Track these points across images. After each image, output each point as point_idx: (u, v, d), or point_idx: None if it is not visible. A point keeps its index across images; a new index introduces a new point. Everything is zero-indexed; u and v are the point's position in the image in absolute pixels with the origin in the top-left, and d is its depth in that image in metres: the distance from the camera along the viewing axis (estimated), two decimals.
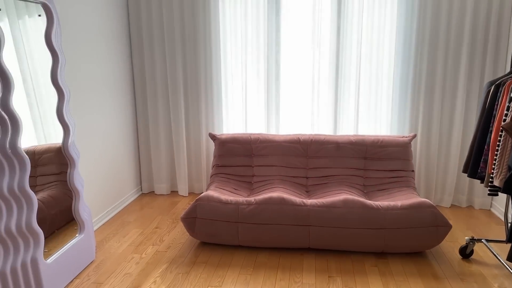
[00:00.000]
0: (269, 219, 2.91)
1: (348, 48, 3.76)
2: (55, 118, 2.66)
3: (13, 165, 2.12)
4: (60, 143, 2.69)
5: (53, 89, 2.62)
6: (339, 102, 3.87)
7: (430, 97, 3.73)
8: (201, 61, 3.91)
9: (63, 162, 2.73)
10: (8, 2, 2.24)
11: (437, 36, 3.61)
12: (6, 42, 2.21)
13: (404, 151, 3.51)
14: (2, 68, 2.05)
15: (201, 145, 4.11)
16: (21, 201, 2.17)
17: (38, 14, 2.48)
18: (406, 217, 2.83)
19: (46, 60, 2.56)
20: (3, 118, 2.07)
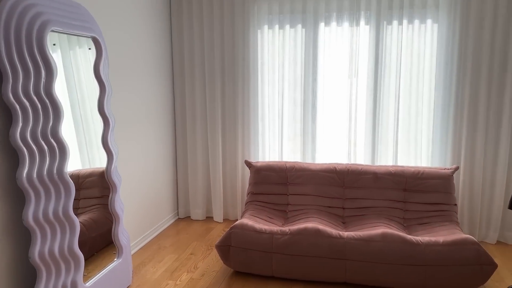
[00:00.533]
0: (304, 251, 2.87)
1: (386, 78, 3.73)
2: (100, 144, 2.78)
3: (59, 190, 2.23)
4: (103, 167, 2.80)
5: (99, 117, 2.75)
6: (378, 131, 3.82)
7: (473, 128, 3.60)
8: (239, 90, 4.00)
9: (105, 186, 2.83)
10: (62, 36, 2.40)
11: (479, 65, 3.51)
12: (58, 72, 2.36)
13: (446, 183, 3.39)
14: (54, 99, 2.18)
15: (237, 172, 4.15)
16: (65, 225, 2.26)
17: (88, 48, 2.64)
18: (448, 254, 2.70)
19: (93, 90, 2.71)
20: (52, 145, 2.19)
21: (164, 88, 4.01)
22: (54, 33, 2.32)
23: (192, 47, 4.08)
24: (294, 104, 3.96)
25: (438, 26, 3.59)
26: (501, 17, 3.41)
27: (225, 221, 4.28)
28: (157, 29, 3.83)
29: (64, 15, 2.34)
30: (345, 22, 3.75)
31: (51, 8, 2.25)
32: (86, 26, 2.53)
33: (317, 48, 3.82)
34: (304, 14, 3.80)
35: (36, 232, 2.11)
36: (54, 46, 2.34)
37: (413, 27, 3.62)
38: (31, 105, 2.09)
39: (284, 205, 3.58)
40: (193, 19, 4.01)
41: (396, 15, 3.63)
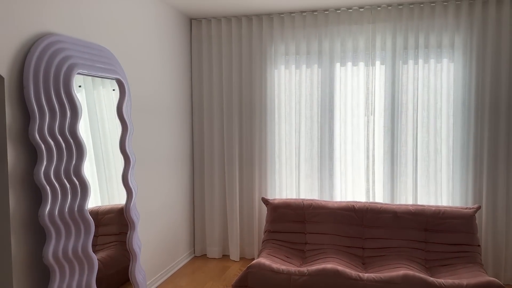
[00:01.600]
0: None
1: (403, 116, 3.73)
2: (120, 181, 2.83)
3: (79, 227, 2.26)
4: (122, 204, 2.83)
5: (120, 155, 2.81)
6: (396, 169, 3.78)
7: (493, 167, 3.54)
8: (256, 127, 4.05)
9: (123, 223, 2.86)
10: (87, 78, 2.51)
11: (497, 104, 3.50)
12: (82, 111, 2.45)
13: (468, 223, 3.30)
14: (78, 139, 2.26)
15: (254, 209, 4.13)
16: (83, 263, 2.28)
17: (112, 89, 2.75)
18: None
19: (115, 128, 2.79)
20: (74, 183, 2.24)
21: (183, 126, 4.10)
22: (80, 75, 2.43)
23: (211, 87, 4.20)
24: (311, 141, 3.98)
25: (454, 65, 3.62)
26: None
27: (242, 259, 4.22)
28: (177, 69, 3.97)
29: (90, 58, 2.45)
30: (360, 62, 3.82)
31: (78, 52, 2.37)
32: (111, 69, 2.64)
33: (334, 87, 3.88)
34: (320, 54, 3.89)
35: (55, 270, 2.12)
36: (79, 88, 2.45)
37: (429, 66, 3.66)
38: (56, 144, 2.17)
39: (302, 244, 3.52)
40: (212, 59, 4.14)
41: (411, 54, 3.68)
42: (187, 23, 4.18)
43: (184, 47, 4.10)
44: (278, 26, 3.97)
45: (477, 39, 3.52)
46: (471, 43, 3.55)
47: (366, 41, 3.79)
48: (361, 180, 3.90)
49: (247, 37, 4.06)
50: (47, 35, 2.23)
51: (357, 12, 3.79)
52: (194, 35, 4.21)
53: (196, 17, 4.18)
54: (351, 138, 3.89)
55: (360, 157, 3.89)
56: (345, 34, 3.83)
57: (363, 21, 3.79)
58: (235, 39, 4.07)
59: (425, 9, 3.61)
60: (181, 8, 3.85)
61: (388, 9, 3.71)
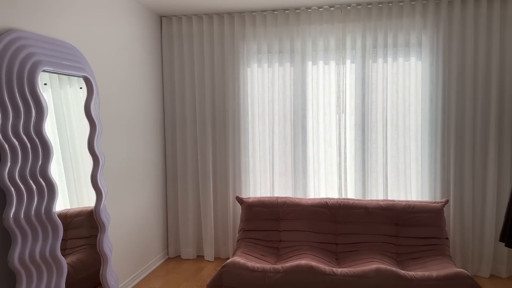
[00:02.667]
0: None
1: (373, 113, 3.81)
2: (89, 183, 2.75)
3: (46, 230, 2.18)
4: (92, 206, 2.76)
5: (88, 156, 2.74)
6: (367, 166, 3.85)
7: (460, 161, 3.66)
8: (229, 127, 4.04)
9: (93, 225, 2.78)
10: (53, 76, 2.43)
11: (463, 100, 3.62)
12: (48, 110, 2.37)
13: (437, 217, 3.39)
14: (44, 138, 2.18)
15: (228, 208, 4.11)
16: (52, 268, 2.20)
17: (79, 87, 2.67)
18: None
19: (83, 128, 2.71)
20: (40, 185, 2.16)
21: (154, 125, 4.03)
22: (46, 73, 2.35)
23: (183, 85, 4.15)
24: (284, 140, 4.00)
25: (421, 63, 3.72)
26: (482, 54, 3.55)
27: (217, 259, 4.20)
28: (148, 68, 3.90)
29: (56, 56, 2.38)
30: (331, 60, 3.87)
31: (43, 49, 2.29)
32: (78, 66, 2.56)
33: (306, 85, 3.91)
34: (292, 53, 3.91)
35: (22, 274, 2.04)
36: (45, 86, 2.37)
37: (398, 65, 3.75)
38: (20, 144, 2.09)
39: (276, 242, 3.53)
40: (184, 57, 4.10)
41: (380, 53, 3.75)
42: (157, 21, 4.11)
43: (154, 45, 4.04)
44: (250, 24, 3.97)
45: (443, 37, 3.62)
46: (438, 41, 3.65)
47: (336, 40, 3.84)
48: (334, 177, 3.95)
49: (219, 35, 4.04)
50: (9, 31, 2.14)
51: (328, 11, 3.83)
52: (164, 33, 4.15)
53: (166, 15, 4.12)
54: (323, 136, 3.93)
55: (332, 155, 3.94)
56: (316, 33, 3.86)
57: (333, 20, 3.83)
58: (206, 37, 4.04)
59: (394, 8, 3.69)
60: (150, 5, 3.78)
61: (358, 9, 3.77)
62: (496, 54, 3.52)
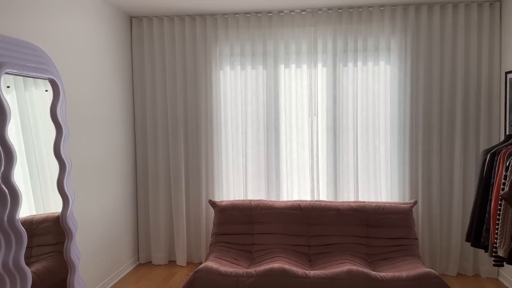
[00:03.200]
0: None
1: (344, 116, 3.86)
2: (55, 188, 2.66)
3: (9, 239, 2.09)
4: (59, 212, 2.66)
5: (55, 160, 2.64)
6: (339, 168, 3.90)
7: (428, 163, 3.76)
8: (202, 130, 4.00)
9: (60, 232, 2.69)
10: (17, 78, 2.33)
11: (431, 104, 3.72)
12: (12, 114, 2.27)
13: (406, 218, 3.47)
14: (6, 144, 2.09)
15: (201, 212, 4.07)
16: (15, 277, 2.11)
17: (45, 89, 2.58)
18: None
19: (49, 132, 2.62)
20: (3, 191, 2.07)
21: (124, 128, 3.95)
22: (9, 75, 2.25)
23: (154, 88, 4.08)
24: (257, 143, 4.00)
25: (390, 68, 3.80)
26: (447, 58, 3.67)
27: (189, 264, 4.14)
28: (117, 69, 3.82)
29: (20, 57, 2.28)
30: (303, 64, 3.90)
31: (6, 50, 2.19)
32: (43, 68, 2.47)
33: (279, 88, 3.93)
34: (265, 56, 3.92)
35: None
36: (8, 88, 2.27)
37: (367, 69, 3.82)
38: None
39: (249, 245, 3.52)
40: (155, 59, 4.04)
41: (351, 57, 3.81)
42: (127, 22, 4.03)
43: (124, 46, 3.96)
44: (222, 26, 3.95)
45: (411, 42, 3.72)
46: (406, 46, 3.74)
47: (308, 43, 3.88)
48: (306, 179, 3.97)
49: (191, 37, 4.00)
50: None
51: (300, 15, 3.86)
52: (134, 34, 4.08)
53: (137, 16, 4.04)
54: (296, 139, 3.96)
55: (305, 157, 3.96)
56: (289, 36, 3.89)
57: (305, 24, 3.87)
58: (178, 39, 3.99)
59: (363, 13, 3.76)
60: (120, 5, 3.70)
61: (329, 13, 3.82)
62: (461, 59, 3.64)
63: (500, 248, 2.35)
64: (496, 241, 2.40)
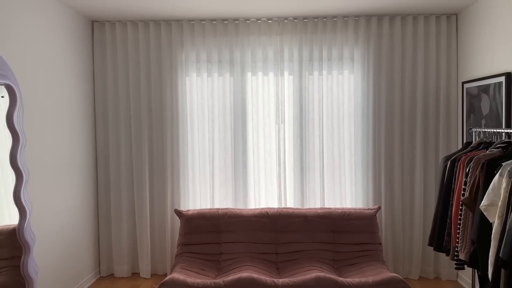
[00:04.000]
0: None
1: (310, 124, 3.90)
2: (11, 199, 2.51)
3: None
4: (14, 224, 2.51)
5: (11, 170, 2.49)
6: (305, 175, 3.93)
7: (390, 169, 3.87)
8: (168, 137, 3.91)
9: (16, 246, 2.53)
10: None
11: (393, 109, 3.84)
12: None
13: (371, 223, 3.54)
14: None
15: (166, 222, 3.97)
16: None
17: (1, 96, 2.44)
18: None
19: (5, 140, 2.47)
20: None
21: (84, 136, 3.80)
22: None
23: (116, 94, 3.96)
24: (224, 150, 3.96)
25: (354, 77, 3.89)
26: (408, 67, 3.80)
27: (154, 276, 4.02)
28: (78, 75, 3.68)
29: None
30: (270, 72, 3.92)
31: None
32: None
33: (246, 96, 3.92)
34: (232, 63, 3.90)
35: None
36: None
37: (332, 78, 3.89)
38: None
39: (217, 255, 3.47)
40: (118, 65, 3.92)
41: (316, 66, 3.87)
42: (89, 26, 3.90)
43: (85, 51, 3.82)
44: (188, 33, 3.90)
45: (374, 52, 3.82)
46: (368, 56, 3.85)
47: (275, 52, 3.90)
48: (274, 186, 3.98)
49: (156, 43, 3.92)
50: None
51: (266, 23, 3.88)
52: (96, 39, 3.95)
53: (99, 20, 3.92)
54: (263, 146, 3.95)
55: (272, 165, 3.97)
56: (255, 44, 3.90)
57: (271, 33, 3.89)
58: (142, 44, 3.90)
59: (328, 23, 3.83)
60: (81, 9, 3.57)
61: (294, 22, 3.87)
62: (421, 69, 3.78)
63: (461, 251, 2.43)
64: (457, 245, 2.49)
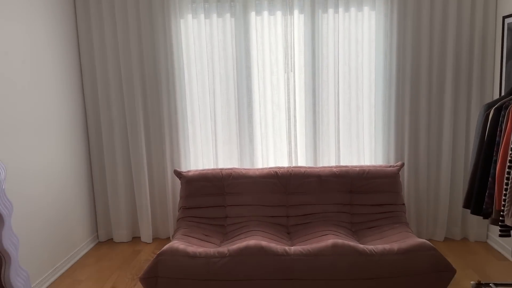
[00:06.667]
0: (247, 274, 2.45)
1: (324, 71, 3.43)
2: None
3: None
4: None
5: None
6: (318, 129, 3.51)
7: (415, 123, 3.43)
8: (163, 90, 3.48)
9: None
10: None
11: (419, 56, 3.34)
12: None
13: (393, 182, 3.16)
14: None
15: (166, 183, 3.63)
16: None
17: None
18: (405, 264, 2.43)
19: None
20: None
21: (71, 91, 3.39)
22: None
23: (103, 45, 3.49)
24: (227, 103, 3.53)
25: (375, 14, 3.36)
26: (438, 4, 3.25)
27: (156, 240, 3.74)
28: (61, 24, 3.21)
29: None
30: (277, 10, 3.40)
31: None
32: None
33: (249, 40, 3.43)
34: (233, 1, 3.38)
35: None
36: None
37: (350, 15, 3.36)
38: None
39: (222, 219, 3.14)
40: (103, 10, 3.42)
41: (331, 2, 3.34)
42: None
43: None
44: None
45: None
46: None
47: None
48: (283, 143, 3.58)
49: None
50: None
51: None
52: None
53: None
54: (271, 98, 3.51)
55: (281, 119, 3.55)
56: None
57: None
58: None
59: None
60: None
61: None
62: (453, 3, 3.23)
63: (508, 216, 2.05)
64: (503, 208, 2.10)
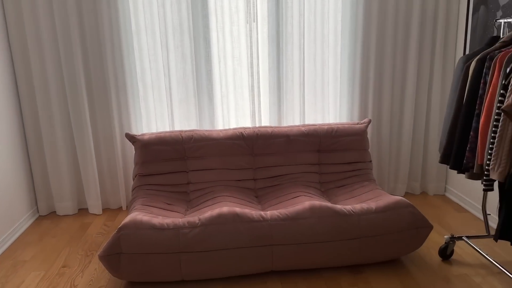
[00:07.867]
0: (221, 244, 2.25)
1: (289, 22, 3.17)
2: None
3: None
4: None
5: None
6: (283, 86, 3.29)
7: (379, 79, 3.33)
8: (106, 42, 3.02)
9: None
10: None
11: (386, 7, 3.19)
12: None
13: (361, 140, 3.08)
14: None
15: (115, 148, 3.24)
16: None
17: None
18: (384, 222, 2.38)
19: None
20: None
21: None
22: None
23: None
24: (183, 58, 3.17)
25: None
26: None
27: (106, 211, 3.38)
28: None
29: None
30: None
31: None
32: None
33: None
34: None
35: None
36: None
37: None
38: None
39: (184, 185, 2.87)
40: None
41: None
42: None
43: None
44: None
45: None
46: None
47: None
48: (245, 101, 3.32)
49: None
50: None
51: None
52: None
53: None
54: (231, 52, 3.20)
55: (243, 75, 3.26)
56: None
57: None
58: None
59: None
60: None
61: None
62: None
63: (494, 170, 2.01)
64: (488, 162, 2.06)
